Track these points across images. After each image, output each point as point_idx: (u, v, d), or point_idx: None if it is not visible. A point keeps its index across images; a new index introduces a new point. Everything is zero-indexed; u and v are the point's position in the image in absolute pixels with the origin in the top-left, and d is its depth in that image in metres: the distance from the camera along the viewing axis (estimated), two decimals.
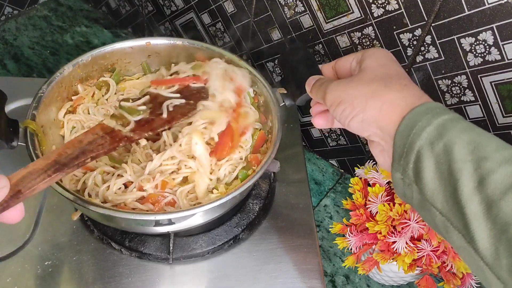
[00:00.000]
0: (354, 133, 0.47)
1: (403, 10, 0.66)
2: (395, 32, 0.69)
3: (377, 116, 0.44)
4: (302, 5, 0.77)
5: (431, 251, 0.63)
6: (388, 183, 0.70)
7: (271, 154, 0.62)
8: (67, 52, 1.10)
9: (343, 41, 0.76)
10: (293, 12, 0.80)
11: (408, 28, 0.67)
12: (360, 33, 0.73)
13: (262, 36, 0.88)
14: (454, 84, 0.67)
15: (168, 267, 0.66)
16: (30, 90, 0.67)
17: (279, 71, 0.91)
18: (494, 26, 0.59)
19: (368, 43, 0.73)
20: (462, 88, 0.67)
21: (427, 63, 0.68)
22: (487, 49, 0.61)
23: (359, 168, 0.74)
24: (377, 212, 0.66)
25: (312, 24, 0.78)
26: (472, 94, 0.66)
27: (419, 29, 0.66)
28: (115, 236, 0.67)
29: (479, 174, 0.36)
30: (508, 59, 0.60)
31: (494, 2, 0.57)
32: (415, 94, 0.44)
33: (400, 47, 0.70)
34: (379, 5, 0.68)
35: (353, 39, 0.74)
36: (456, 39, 0.63)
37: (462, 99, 0.68)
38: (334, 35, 0.77)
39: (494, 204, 0.35)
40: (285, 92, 0.67)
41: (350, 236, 0.68)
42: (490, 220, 0.35)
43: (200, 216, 0.60)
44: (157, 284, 0.64)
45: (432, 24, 0.64)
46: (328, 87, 0.48)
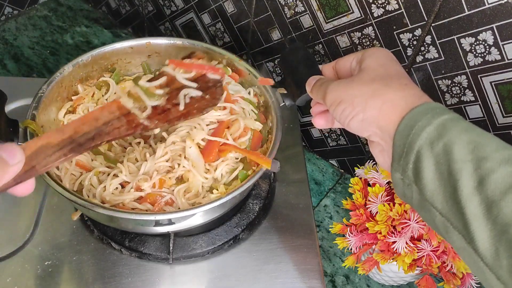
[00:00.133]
0: (354, 133, 0.47)
1: (403, 10, 0.66)
2: (395, 32, 0.69)
3: (377, 115, 0.43)
4: (302, 5, 0.77)
5: (431, 251, 0.63)
6: (388, 183, 0.70)
7: (271, 154, 0.62)
8: (67, 52, 1.10)
9: (343, 41, 0.76)
10: (293, 12, 0.80)
11: (408, 28, 0.67)
12: (360, 33, 0.73)
13: (262, 36, 0.88)
14: (454, 84, 0.67)
15: (168, 267, 0.66)
16: (30, 90, 0.67)
17: (279, 71, 0.91)
18: (494, 26, 0.59)
19: (368, 43, 0.73)
20: (462, 88, 0.67)
21: (427, 63, 0.68)
22: (487, 49, 0.61)
23: (359, 168, 0.74)
24: (377, 212, 0.66)
25: (312, 24, 0.78)
26: (472, 94, 0.66)
27: (419, 29, 0.66)
28: (115, 236, 0.67)
29: (479, 174, 0.36)
30: (508, 59, 0.60)
31: (494, 2, 0.57)
32: (415, 94, 0.44)
33: (400, 47, 0.70)
34: (379, 5, 0.68)
35: (353, 39, 0.74)
36: (456, 39, 0.63)
37: (462, 99, 0.68)
38: (334, 35, 0.77)
39: (494, 205, 0.35)
40: (285, 92, 0.67)
41: (350, 236, 0.68)
42: (490, 220, 0.35)
43: (200, 216, 0.60)
44: (157, 284, 0.64)
45: (432, 24, 0.64)
46: (328, 87, 0.48)
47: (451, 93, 0.68)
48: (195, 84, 0.58)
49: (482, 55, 0.62)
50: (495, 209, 0.35)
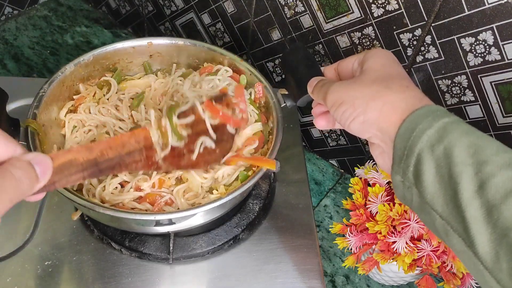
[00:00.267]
0: (355, 135, 0.47)
1: (403, 10, 0.66)
2: (395, 32, 0.69)
3: (377, 117, 0.43)
4: (302, 5, 0.77)
5: (431, 251, 0.63)
6: (388, 183, 0.70)
7: (272, 155, 0.62)
8: (67, 52, 1.10)
9: (343, 41, 0.76)
10: (293, 12, 0.80)
11: (408, 28, 0.67)
12: (360, 33, 0.73)
13: (262, 36, 0.88)
14: (454, 84, 0.67)
15: (168, 267, 0.66)
16: (30, 90, 0.67)
17: (279, 71, 0.91)
18: (494, 26, 0.59)
19: (368, 43, 0.73)
20: (462, 88, 0.67)
21: (427, 63, 0.68)
22: (487, 49, 0.61)
23: (359, 168, 0.74)
24: (377, 212, 0.66)
25: (312, 24, 0.78)
26: (472, 94, 0.66)
27: (419, 29, 0.66)
28: (115, 236, 0.67)
29: (479, 178, 0.36)
30: (508, 59, 0.60)
31: (494, 2, 0.57)
32: (416, 96, 0.44)
33: (400, 47, 0.70)
34: (379, 5, 0.68)
35: (353, 39, 0.74)
36: (456, 39, 0.63)
37: (462, 99, 0.68)
38: (334, 35, 0.77)
39: (495, 208, 0.35)
40: (286, 93, 0.67)
41: (350, 236, 0.68)
42: (491, 224, 0.35)
43: (201, 216, 0.60)
44: (157, 284, 0.64)
45: (432, 24, 0.64)
46: (329, 88, 0.48)
47: (451, 93, 0.68)
48: (214, 135, 0.56)
49: (482, 55, 0.62)
50: (495, 213, 0.35)
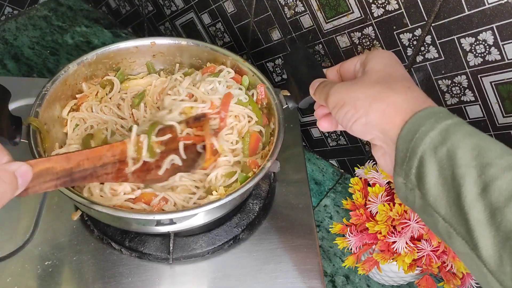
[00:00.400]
0: (356, 136, 0.47)
1: (403, 10, 0.66)
2: (395, 32, 0.69)
3: (380, 119, 0.43)
4: (302, 5, 0.77)
5: (431, 251, 0.63)
6: (388, 183, 0.70)
7: (273, 156, 0.62)
8: (67, 52, 1.10)
9: (343, 41, 0.76)
10: (293, 12, 0.80)
11: (408, 28, 0.67)
12: (360, 33, 0.73)
13: (262, 36, 0.88)
14: (454, 84, 0.67)
15: (168, 267, 0.66)
16: (31, 90, 0.67)
17: (279, 71, 0.91)
18: (494, 26, 0.59)
19: (368, 43, 0.73)
20: (462, 88, 0.67)
21: (427, 63, 0.68)
22: (487, 49, 0.61)
23: (359, 168, 0.74)
24: (377, 212, 0.66)
25: (312, 24, 0.78)
26: (472, 94, 0.66)
27: (419, 29, 0.66)
28: (115, 236, 0.67)
29: (483, 181, 0.36)
30: (508, 59, 0.60)
31: (494, 2, 0.57)
32: (419, 97, 0.43)
33: (400, 47, 0.70)
34: (379, 5, 0.68)
35: (353, 39, 0.74)
36: (456, 39, 0.63)
37: (462, 99, 0.68)
38: (334, 35, 0.77)
39: (498, 211, 0.35)
40: (288, 94, 0.67)
41: (350, 236, 0.68)
42: (494, 227, 0.35)
43: (201, 217, 0.60)
44: (157, 284, 0.64)
45: (432, 24, 0.64)
46: (331, 89, 0.48)
47: (451, 93, 0.68)
48: (184, 155, 0.59)
49: (482, 55, 0.62)
50: (499, 215, 0.35)
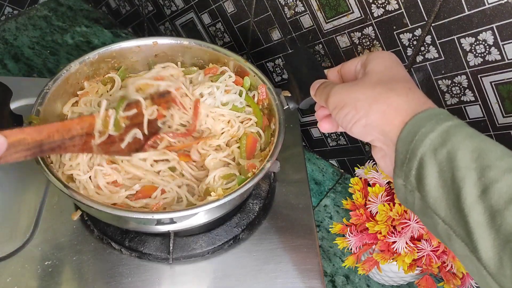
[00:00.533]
0: (356, 138, 0.47)
1: (403, 10, 0.66)
2: (395, 32, 0.69)
3: (380, 120, 0.43)
4: (302, 5, 0.77)
5: (431, 251, 0.63)
6: (388, 183, 0.70)
7: (273, 156, 0.62)
8: (67, 52, 1.10)
9: (343, 41, 0.76)
10: (293, 12, 0.80)
11: (408, 28, 0.67)
12: (360, 33, 0.73)
13: (262, 36, 0.88)
14: (454, 84, 0.67)
15: (168, 267, 0.66)
16: (31, 90, 0.68)
17: (279, 71, 0.91)
18: (494, 26, 0.59)
19: (368, 43, 0.73)
20: (462, 88, 0.67)
21: (427, 63, 0.68)
22: (487, 49, 0.61)
23: (359, 168, 0.74)
24: (377, 212, 0.66)
25: (312, 24, 0.78)
26: (472, 94, 0.66)
27: (419, 29, 0.66)
28: (115, 236, 0.67)
29: (482, 183, 0.36)
30: (508, 59, 0.60)
31: (494, 2, 0.57)
32: (420, 99, 0.43)
33: (400, 47, 0.70)
34: (379, 5, 0.68)
35: (353, 39, 0.74)
36: (456, 39, 0.63)
37: (462, 99, 0.68)
38: (334, 35, 0.77)
39: (498, 214, 0.35)
40: (289, 95, 0.67)
41: (350, 236, 0.68)
42: (494, 229, 0.35)
43: (201, 216, 0.60)
44: (157, 284, 0.64)
45: (432, 24, 0.64)
46: (331, 90, 0.48)
47: (451, 93, 0.68)
48: (146, 130, 0.62)
49: (482, 55, 0.62)
50: (498, 218, 0.34)
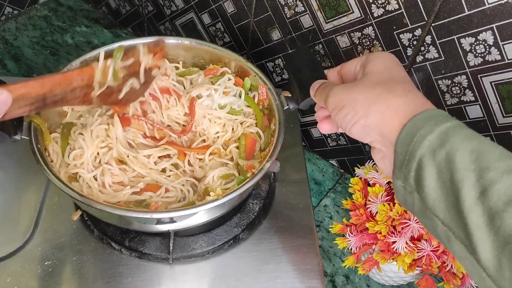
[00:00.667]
0: (356, 139, 0.47)
1: (403, 10, 0.66)
2: (395, 32, 0.69)
3: (379, 121, 0.43)
4: (302, 5, 0.77)
5: (431, 251, 0.63)
6: (388, 183, 0.70)
7: (272, 157, 0.62)
8: (67, 52, 1.10)
9: (343, 41, 0.76)
10: (293, 12, 0.80)
11: (408, 28, 0.67)
12: (360, 33, 0.73)
13: (262, 36, 0.88)
14: (454, 84, 0.67)
15: (168, 267, 0.66)
16: None
17: (279, 71, 0.91)
18: (494, 26, 0.59)
19: (368, 43, 0.73)
20: (462, 88, 0.67)
21: (427, 63, 0.68)
22: (487, 49, 0.61)
23: (359, 168, 0.74)
24: (377, 212, 0.66)
25: (312, 24, 0.78)
26: (472, 94, 0.66)
27: (419, 29, 0.66)
28: (115, 236, 0.67)
29: (481, 184, 0.36)
30: (508, 59, 0.60)
31: (494, 2, 0.57)
32: (418, 100, 0.43)
33: (400, 47, 0.70)
34: (379, 5, 0.68)
35: (353, 39, 0.74)
36: (456, 39, 0.63)
37: (462, 99, 0.68)
38: (334, 35, 0.77)
39: (497, 215, 0.34)
40: (289, 95, 0.67)
41: (350, 236, 0.68)
42: (493, 231, 0.35)
43: (201, 215, 0.60)
44: (157, 284, 0.64)
45: (432, 24, 0.64)
46: (330, 91, 0.48)
47: (451, 93, 0.68)
48: (143, 78, 0.61)
49: (482, 55, 0.62)
50: (497, 219, 0.34)
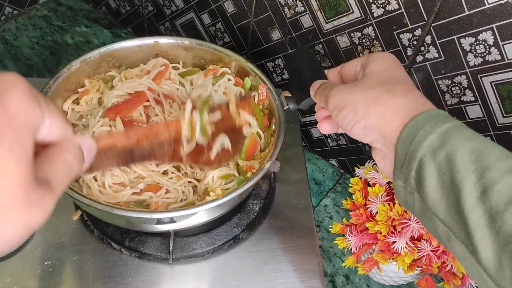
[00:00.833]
0: (356, 139, 0.47)
1: (403, 10, 0.66)
2: (395, 32, 0.69)
3: (379, 122, 0.43)
4: (302, 5, 0.77)
5: (431, 251, 0.63)
6: (388, 183, 0.70)
7: (273, 157, 0.62)
8: (67, 52, 1.10)
9: (343, 41, 0.76)
10: (293, 12, 0.80)
11: (408, 28, 0.67)
12: (360, 33, 0.73)
13: (262, 36, 0.88)
14: (454, 84, 0.67)
15: (168, 267, 0.66)
16: None
17: (279, 71, 0.91)
18: (494, 26, 0.59)
19: (368, 43, 0.73)
20: (462, 88, 0.67)
21: (427, 63, 0.68)
22: (487, 49, 0.61)
23: (359, 168, 0.74)
24: (377, 212, 0.66)
25: (312, 24, 0.78)
26: (472, 94, 0.66)
27: (419, 29, 0.66)
28: (115, 236, 0.67)
29: (482, 185, 0.36)
30: (508, 59, 0.60)
31: (494, 2, 0.57)
32: (418, 100, 0.43)
33: (400, 47, 0.70)
34: (379, 5, 0.68)
35: (353, 39, 0.74)
36: (456, 39, 0.63)
37: (462, 99, 0.68)
38: (334, 35, 0.77)
39: (498, 215, 0.34)
40: (289, 95, 0.67)
41: (350, 236, 0.68)
42: (494, 231, 0.35)
43: (201, 215, 0.60)
44: (157, 284, 0.64)
45: (432, 24, 0.64)
46: (331, 91, 0.48)
47: (451, 93, 0.68)
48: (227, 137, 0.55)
49: (482, 55, 0.62)
50: (498, 220, 0.34)
